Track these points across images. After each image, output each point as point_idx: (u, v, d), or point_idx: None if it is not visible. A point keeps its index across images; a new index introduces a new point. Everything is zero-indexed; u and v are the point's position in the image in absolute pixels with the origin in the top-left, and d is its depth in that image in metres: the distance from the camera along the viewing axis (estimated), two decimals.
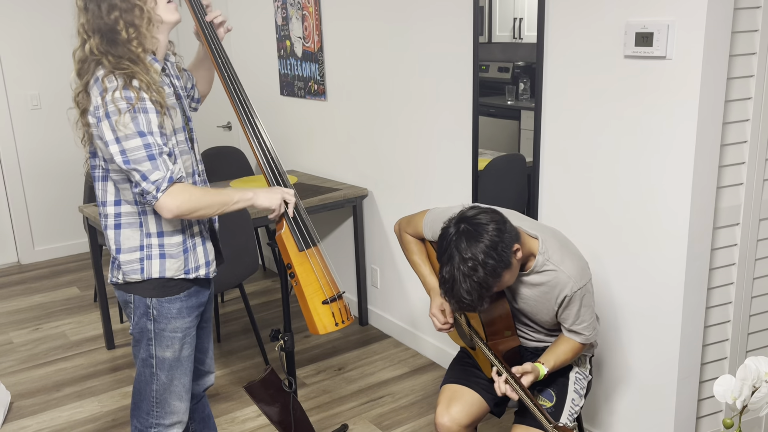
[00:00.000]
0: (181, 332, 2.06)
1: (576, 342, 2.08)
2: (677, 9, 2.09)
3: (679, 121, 2.17)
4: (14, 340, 3.93)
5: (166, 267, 1.99)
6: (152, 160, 1.82)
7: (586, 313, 2.05)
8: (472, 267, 1.85)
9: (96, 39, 1.87)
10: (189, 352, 2.11)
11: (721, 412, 2.55)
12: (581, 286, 2.01)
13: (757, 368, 1.40)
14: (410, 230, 2.32)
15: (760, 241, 2.39)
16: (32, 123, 5.05)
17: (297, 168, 4.28)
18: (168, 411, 2.12)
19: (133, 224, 1.98)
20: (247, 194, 2.02)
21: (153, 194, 1.84)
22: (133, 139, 1.82)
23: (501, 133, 2.83)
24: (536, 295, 2.06)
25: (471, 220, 1.92)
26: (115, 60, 1.86)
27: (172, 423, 2.14)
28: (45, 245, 5.27)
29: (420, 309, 3.54)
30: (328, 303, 2.15)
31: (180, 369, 2.10)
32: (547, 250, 2.02)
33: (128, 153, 1.82)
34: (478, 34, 2.80)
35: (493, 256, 1.86)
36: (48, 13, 4.95)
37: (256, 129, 2.15)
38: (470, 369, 2.28)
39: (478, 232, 1.88)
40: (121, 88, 1.82)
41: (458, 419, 2.17)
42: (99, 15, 1.87)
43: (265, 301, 4.36)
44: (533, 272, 2.03)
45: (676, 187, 2.22)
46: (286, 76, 4.16)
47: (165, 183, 1.84)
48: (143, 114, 1.83)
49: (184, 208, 1.87)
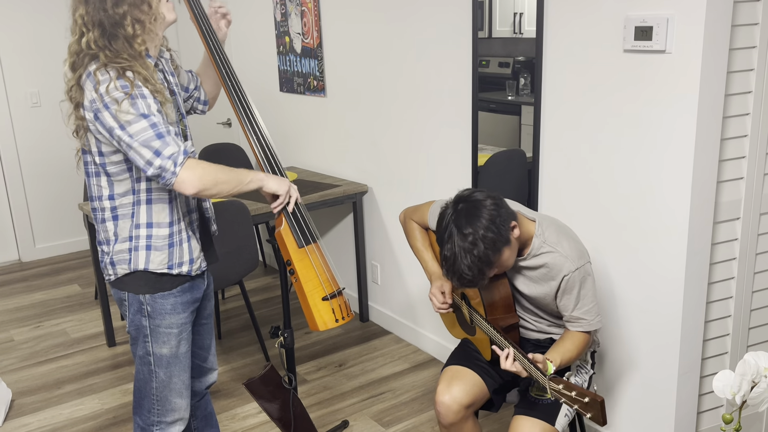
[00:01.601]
0: (176, 328, 2.05)
1: (580, 334, 2.08)
2: (677, 2, 2.08)
3: (679, 115, 2.16)
4: (15, 338, 3.93)
5: (150, 259, 1.98)
6: (161, 138, 1.81)
7: (586, 296, 2.05)
8: (472, 242, 1.89)
9: (96, 32, 1.85)
10: (186, 348, 2.10)
11: (722, 407, 2.54)
12: (579, 266, 2.02)
13: (757, 363, 1.40)
14: (416, 218, 2.38)
15: (761, 236, 2.39)
16: (32, 120, 5.04)
17: (296, 164, 4.28)
18: (169, 408, 2.12)
19: (126, 215, 1.98)
20: (259, 175, 2.01)
21: (171, 170, 1.81)
22: (137, 123, 1.80)
23: (501, 128, 2.82)
24: (536, 278, 2.07)
25: (468, 198, 1.96)
26: (113, 54, 1.84)
27: (174, 420, 2.14)
28: (46, 243, 5.27)
29: (420, 305, 3.54)
30: (328, 299, 2.15)
31: (178, 365, 2.10)
32: (544, 232, 2.06)
33: (136, 136, 1.80)
34: (477, 29, 2.80)
35: (492, 229, 1.90)
36: (48, 10, 4.95)
37: (254, 126, 2.14)
38: (472, 353, 2.30)
39: (476, 208, 1.92)
40: (115, 79, 1.81)
41: (459, 398, 2.18)
42: (102, 8, 1.84)
43: (265, 297, 4.36)
44: (531, 256, 2.05)
45: (676, 182, 2.21)
46: (286, 73, 4.15)
47: (181, 156, 1.82)
48: (141, 99, 1.82)
49: (206, 180, 1.85)
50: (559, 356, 2.01)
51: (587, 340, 2.09)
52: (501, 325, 2.14)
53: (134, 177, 1.95)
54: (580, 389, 1.75)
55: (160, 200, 1.97)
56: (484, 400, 2.26)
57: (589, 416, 1.75)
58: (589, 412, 1.75)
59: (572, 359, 2.06)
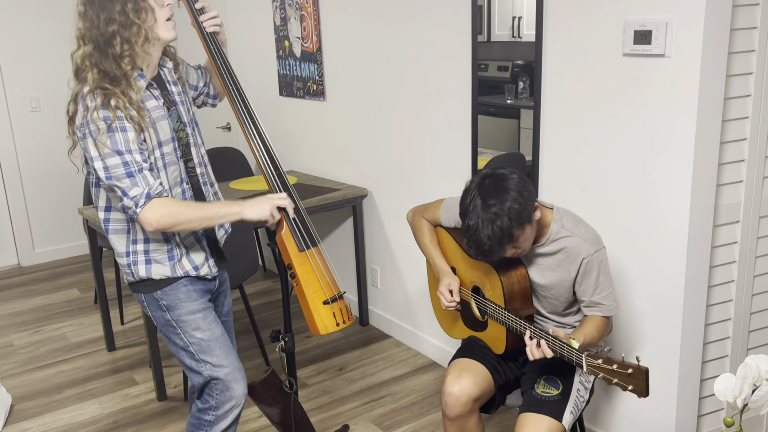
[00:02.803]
0: (200, 312, 2.10)
1: (600, 318, 2.10)
2: (676, 6, 2.09)
3: (678, 118, 2.16)
4: (15, 343, 3.92)
5: (152, 272, 2.06)
6: (131, 177, 1.88)
7: (605, 280, 2.08)
8: (496, 212, 1.91)
9: (89, 47, 1.91)
10: (221, 331, 2.14)
11: (722, 410, 2.54)
12: (598, 249, 2.06)
13: (758, 366, 1.40)
14: (427, 215, 2.40)
15: (761, 239, 2.39)
16: (32, 125, 5.04)
17: (296, 168, 4.28)
18: (228, 396, 2.15)
19: (120, 231, 2.05)
20: (234, 208, 2.02)
21: (133, 209, 1.90)
22: (112, 158, 1.87)
23: (501, 132, 2.82)
24: (554, 264, 2.09)
25: (494, 173, 1.99)
26: (99, 77, 1.89)
27: (231, 407, 2.17)
28: (45, 247, 5.27)
29: (420, 309, 3.54)
30: (328, 303, 2.15)
31: (221, 347, 2.12)
32: (561, 218, 2.10)
33: (110, 170, 1.88)
34: (477, 33, 2.80)
35: (520, 200, 1.93)
36: (48, 15, 4.95)
37: (256, 129, 2.15)
38: (480, 348, 2.31)
39: (504, 180, 1.96)
40: (99, 108, 1.86)
41: (467, 390, 2.18)
42: (96, 25, 1.89)
43: (265, 301, 4.36)
44: (549, 241, 2.08)
45: (675, 185, 2.22)
46: (285, 77, 4.15)
47: (143, 199, 1.89)
48: (120, 133, 1.87)
49: (164, 222, 1.91)
50: (582, 336, 2.03)
51: (607, 324, 2.12)
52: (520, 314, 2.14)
53: None
54: (620, 362, 1.74)
55: None
56: (490, 395, 2.26)
57: (631, 388, 1.72)
58: (631, 384, 1.71)
59: (593, 341, 2.07)
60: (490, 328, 2.23)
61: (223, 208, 2.01)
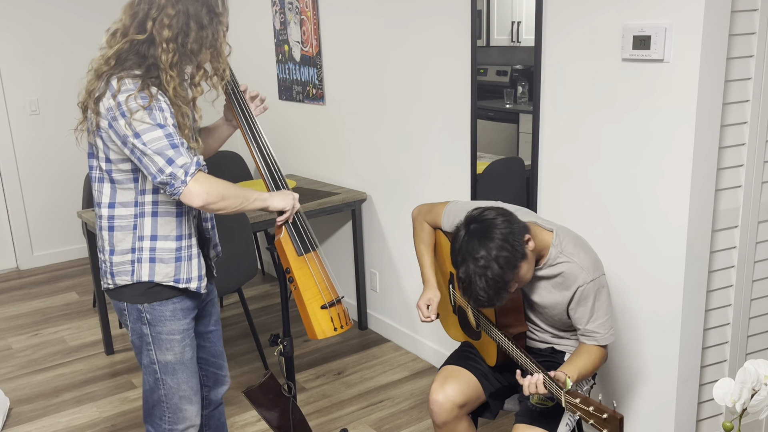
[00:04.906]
0: (179, 334, 2.05)
1: (595, 348, 2.06)
2: (675, 12, 2.10)
3: (677, 123, 2.17)
4: (13, 346, 3.92)
5: (155, 271, 1.98)
6: (175, 147, 1.82)
7: (600, 309, 2.04)
8: (485, 265, 1.89)
9: (171, 44, 1.86)
10: (191, 355, 2.10)
11: (721, 415, 2.54)
12: (595, 278, 2.02)
13: (757, 371, 1.40)
14: (429, 218, 2.38)
15: (759, 244, 2.39)
16: (31, 128, 5.04)
17: (295, 172, 4.28)
18: (180, 416, 2.11)
19: (126, 227, 1.97)
20: (263, 194, 2.02)
21: (182, 179, 1.80)
22: (153, 131, 1.81)
23: (499, 136, 2.83)
24: (551, 286, 2.07)
25: (478, 218, 1.97)
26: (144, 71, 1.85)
27: (186, 427, 2.14)
28: (44, 251, 5.26)
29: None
30: (326, 308, 2.15)
31: (185, 372, 2.09)
32: (561, 242, 2.05)
33: (150, 144, 1.80)
34: (476, 38, 2.81)
35: (506, 248, 1.90)
36: (47, 18, 4.95)
37: (255, 133, 2.15)
38: (471, 355, 2.30)
39: (489, 228, 1.93)
40: (137, 91, 1.81)
41: (452, 397, 2.18)
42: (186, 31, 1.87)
43: (264, 305, 4.35)
44: (547, 265, 2.05)
45: (674, 190, 2.22)
46: (285, 81, 4.16)
47: (193, 167, 1.82)
48: (159, 111, 1.83)
49: (213, 194, 1.84)
50: (576, 370, 1.99)
51: (603, 354, 2.07)
52: (510, 333, 2.13)
53: (138, 189, 1.94)
54: (598, 404, 1.73)
55: (167, 213, 1.97)
56: (479, 402, 2.26)
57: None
58: (605, 428, 1.72)
59: (589, 374, 2.03)
60: (483, 338, 2.23)
61: (253, 193, 1.98)
